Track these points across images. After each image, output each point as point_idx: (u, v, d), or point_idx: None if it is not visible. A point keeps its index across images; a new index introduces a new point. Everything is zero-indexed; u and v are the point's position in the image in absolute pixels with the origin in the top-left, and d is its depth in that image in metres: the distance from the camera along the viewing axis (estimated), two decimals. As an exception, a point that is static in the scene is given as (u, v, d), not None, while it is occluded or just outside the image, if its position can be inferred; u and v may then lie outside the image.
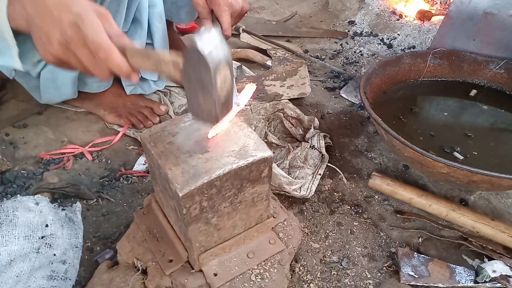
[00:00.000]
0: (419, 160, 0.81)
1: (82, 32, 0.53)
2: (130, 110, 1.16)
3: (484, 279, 0.77)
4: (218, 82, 0.50)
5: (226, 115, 0.57)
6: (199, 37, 0.48)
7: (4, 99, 1.23)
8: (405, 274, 0.78)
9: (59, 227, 0.79)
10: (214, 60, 0.48)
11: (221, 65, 0.50)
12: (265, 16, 1.90)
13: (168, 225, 0.73)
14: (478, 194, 0.93)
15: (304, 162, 1.01)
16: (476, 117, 1.04)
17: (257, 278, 0.69)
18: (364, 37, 1.69)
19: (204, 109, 0.54)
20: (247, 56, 1.49)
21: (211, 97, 0.52)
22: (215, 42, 0.49)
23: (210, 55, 0.48)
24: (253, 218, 0.70)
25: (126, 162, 1.06)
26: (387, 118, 0.92)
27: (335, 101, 1.29)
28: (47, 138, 1.12)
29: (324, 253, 0.84)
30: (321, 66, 1.48)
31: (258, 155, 0.61)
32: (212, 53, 0.48)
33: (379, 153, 1.08)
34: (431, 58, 1.13)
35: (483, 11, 1.14)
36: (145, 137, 0.64)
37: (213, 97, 0.51)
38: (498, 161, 0.89)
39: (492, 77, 1.11)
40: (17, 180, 0.97)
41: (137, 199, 0.96)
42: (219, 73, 0.50)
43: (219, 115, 0.54)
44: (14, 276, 0.70)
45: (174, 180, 0.57)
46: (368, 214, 0.93)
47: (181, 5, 1.18)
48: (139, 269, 0.70)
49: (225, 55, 0.50)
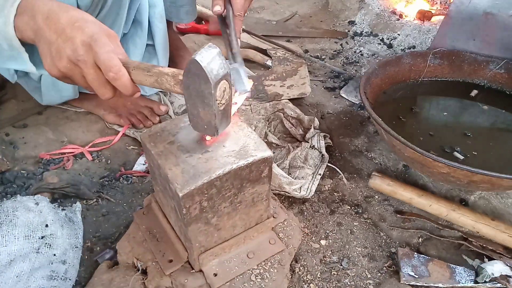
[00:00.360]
0: (419, 160, 0.81)
1: (94, 52, 0.56)
2: (130, 110, 1.16)
3: (484, 279, 0.77)
4: (217, 94, 0.52)
5: (226, 126, 0.60)
6: (199, 52, 0.50)
7: (4, 99, 1.23)
8: (405, 274, 0.78)
9: (59, 227, 0.79)
10: (213, 73, 0.50)
11: (220, 78, 0.52)
12: (265, 16, 1.90)
13: (168, 225, 0.73)
14: (478, 194, 0.93)
15: (304, 162, 1.01)
16: (476, 117, 1.04)
17: (257, 278, 0.69)
18: (364, 37, 1.69)
19: (204, 121, 0.56)
20: (247, 56, 1.49)
21: (210, 110, 0.53)
22: (214, 56, 0.51)
23: (209, 67, 0.50)
24: (253, 218, 0.70)
25: (126, 162, 1.06)
26: (387, 118, 0.92)
27: (335, 101, 1.29)
28: (47, 138, 1.12)
29: (324, 253, 0.84)
30: (321, 66, 1.48)
31: (258, 155, 0.61)
32: (211, 66, 0.50)
33: (379, 153, 1.08)
34: (431, 58, 1.13)
35: (483, 11, 1.14)
36: (145, 137, 0.64)
37: (212, 109, 0.53)
38: (498, 161, 0.89)
39: (492, 77, 1.11)
40: (17, 180, 0.97)
41: (137, 199, 0.96)
42: (218, 86, 0.52)
43: (218, 127, 0.56)
44: (14, 276, 0.70)
45: (174, 180, 0.57)
46: (368, 214, 0.93)
47: (180, 4, 1.17)
48: (139, 269, 0.70)
49: (224, 69, 0.52)
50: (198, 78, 0.51)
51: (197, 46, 1.54)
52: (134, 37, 1.09)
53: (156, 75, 0.55)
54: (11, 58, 0.66)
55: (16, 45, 0.62)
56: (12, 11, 0.59)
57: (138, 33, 1.09)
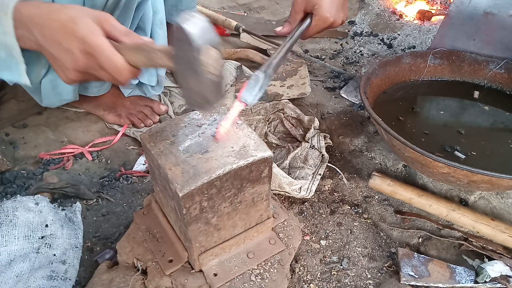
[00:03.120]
0: (419, 160, 0.81)
1: (95, 59, 0.57)
2: (129, 109, 1.16)
3: (484, 279, 0.77)
4: (204, 60, 0.51)
5: (219, 99, 0.58)
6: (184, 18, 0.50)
7: (4, 99, 1.23)
8: (405, 274, 0.78)
9: (59, 227, 0.79)
10: (198, 37, 0.50)
11: (207, 44, 0.51)
12: (265, 16, 1.89)
13: (168, 225, 0.73)
14: (478, 194, 0.93)
15: (304, 162, 1.01)
16: (476, 117, 1.04)
17: (257, 278, 0.69)
18: (364, 37, 1.69)
19: (196, 93, 0.55)
20: (247, 56, 1.49)
21: (199, 78, 0.53)
22: (200, 24, 0.51)
23: (194, 31, 0.49)
24: (253, 218, 0.70)
25: (126, 162, 1.06)
26: (387, 118, 0.92)
27: (335, 101, 1.29)
28: (47, 138, 1.12)
29: (324, 253, 0.84)
30: (321, 66, 1.48)
31: (258, 155, 0.61)
32: (196, 31, 0.50)
33: (379, 153, 1.08)
34: (431, 58, 1.13)
35: (483, 11, 1.14)
36: (145, 137, 0.64)
37: (201, 77, 0.52)
38: (498, 161, 0.89)
39: (492, 77, 1.11)
40: (17, 180, 0.97)
41: (137, 199, 0.96)
42: (205, 52, 0.51)
43: (209, 96, 0.55)
44: (14, 276, 0.70)
45: (174, 180, 0.57)
46: (368, 214, 0.93)
47: (181, 8, 1.18)
48: (139, 269, 0.70)
49: (211, 36, 0.52)
50: (184, 43, 0.50)
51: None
52: None
53: (148, 52, 0.56)
54: (6, 68, 0.65)
55: (16, 55, 0.62)
56: (9, 20, 0.59)
57: None
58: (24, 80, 0.66)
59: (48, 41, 0.59)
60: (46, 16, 0.58)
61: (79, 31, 0.57)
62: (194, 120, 0.66)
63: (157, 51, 0.55)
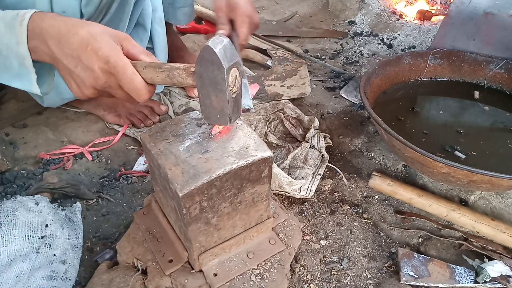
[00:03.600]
0: (419, 160, 0.81)
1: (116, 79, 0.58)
2: (129, 109, 1.16)
3: (484, 279, 0.77)
4: (230, 79, 0.54)
5: (239, 115, 0.61)
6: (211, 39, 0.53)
7: (4, 99, 1.23)
8: (405, 274, 0.78)
9: (59, 227, 0.79)
10: (225, 58, 0.52)
11: (232, 65, 0.54)
12: (265, 16, 1.90)
13: (168, 225, 0.73)
14: (478, 194, 0.93)
15: (304, 162, 1.01)
16: (476, 117, 1.04)
17: (257, 278, 0.69)
18: (364, 37, 1.69)
19: (216, 110, 0.57)
20: (247, 56, 1.49)
21: (223, 96, 0.55)
22: (225, 44, 0.53)
23: (221, 53, 0.52)
24: (253, 218, 0.70)
25: (126, 162, 1.06)
26: (387, 118, 0.91)
27: (335, 101, 1.29)
28: (47, 138, 1.12)
29: (324, 253, 0.84)
30: (321, 66, 1.48)
31: (258, 155, 0.61)
32: (223, 52, 0.52)
33: (379, 153, 1.08)
34: (431, 58, 1.13)
35: (483, 11, 1.14)
36: (145, 137, 0.64)
37: (225, 95, 0.55)
38: (498, 161, 0.89)
39: (492, 77, 1.11)
40: (17, 180, 0.97)
41: (137, 199, 0.96)
42: (230, 72, 0.53)
43: (231, 114, 0.57)
44: (14, 276, 0.70)
45: (174, 180, 0.57)
46: (368, 214, 0.93)
47: (178, 6, 1.17)
48: (139, 269, 0.70)
49: (234, 56, 0.54)
50: (211, 64, 0.52)
51: (197, 46, 1.54)
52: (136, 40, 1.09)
53: (168, 70, 0.58)
54: (17, 77, 0.65)
55: (28, 65, 0.62)
56: (23, 31, 0.59)
57: (140, 36, 1.09)
58: (35, 90, 0.66)
59: (66, 56, 0.58)
60: (65, 30, 0.58)
61: (102, 50, 0.57)
62: (194, 120, 0.66)
63: (178, 69, 0.57)
